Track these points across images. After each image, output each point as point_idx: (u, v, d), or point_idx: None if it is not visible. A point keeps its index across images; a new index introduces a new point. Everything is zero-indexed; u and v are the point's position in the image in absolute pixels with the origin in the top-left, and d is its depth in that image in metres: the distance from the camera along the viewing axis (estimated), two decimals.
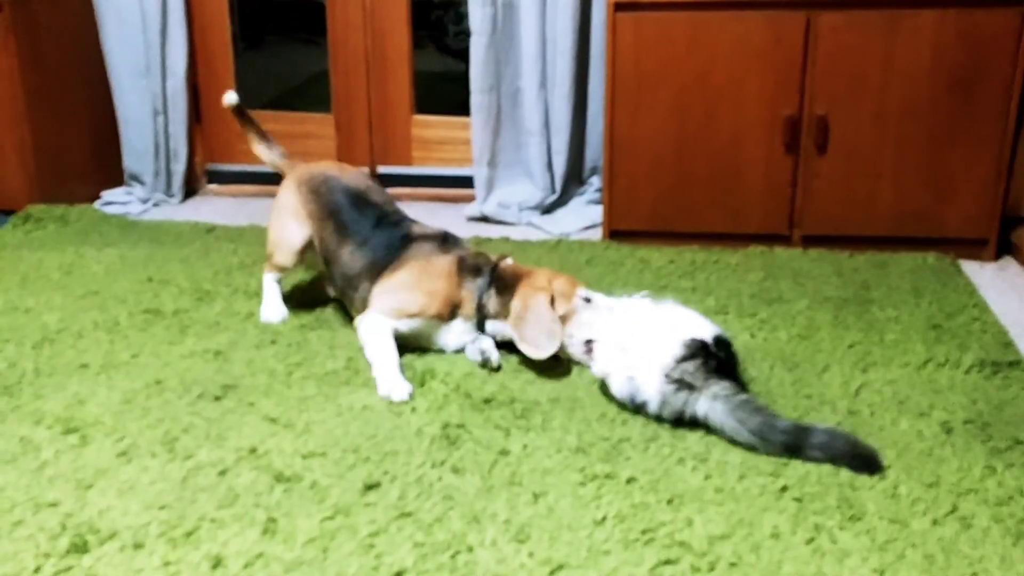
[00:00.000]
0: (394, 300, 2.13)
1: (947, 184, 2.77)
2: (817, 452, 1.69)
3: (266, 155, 2.56)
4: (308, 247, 2.38)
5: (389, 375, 2.00)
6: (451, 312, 2.15)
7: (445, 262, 2.17)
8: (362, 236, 2.25)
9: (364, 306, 2.20)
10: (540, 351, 2.05)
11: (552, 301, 2.08)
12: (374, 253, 2.22)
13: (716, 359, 1.82)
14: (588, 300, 2.11)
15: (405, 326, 2.13)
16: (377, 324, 2.11)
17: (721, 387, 1.78)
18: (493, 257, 2.21)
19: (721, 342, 1.88)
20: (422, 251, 2.19)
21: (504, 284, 2.13)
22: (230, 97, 2.51)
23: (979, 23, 2.63)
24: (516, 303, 2.09)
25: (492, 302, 2.13)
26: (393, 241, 2.22)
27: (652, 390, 1.82)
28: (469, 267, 2.16)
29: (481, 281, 2.14)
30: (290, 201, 2.39)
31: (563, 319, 2.08)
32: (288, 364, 2.13)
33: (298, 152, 3.47)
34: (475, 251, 2.24)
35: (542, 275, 2.13)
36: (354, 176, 2.41)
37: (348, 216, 2.29)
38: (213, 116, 3.59)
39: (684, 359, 1.80)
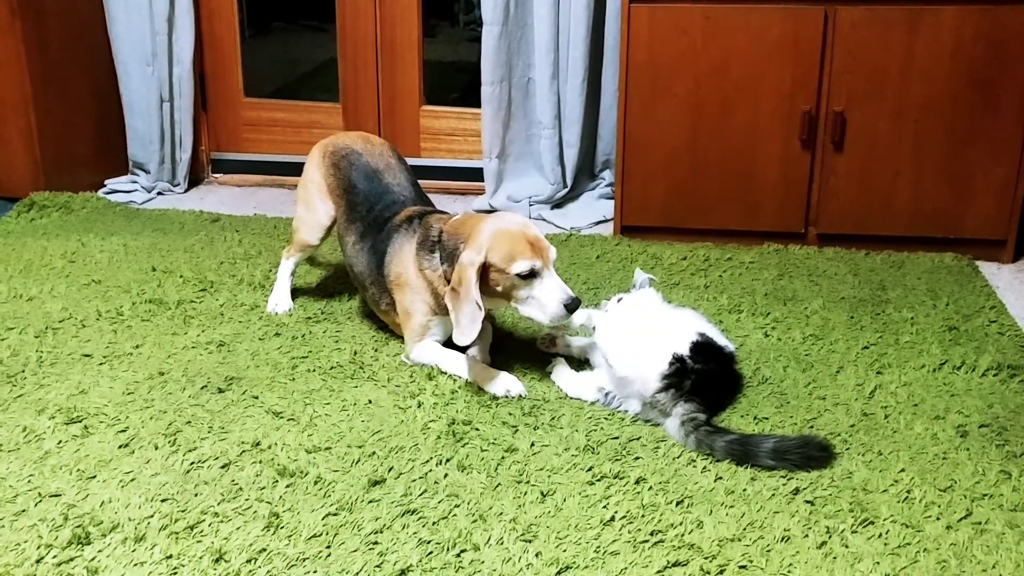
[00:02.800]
0: (410, 328, 2.07)
1: (966, 183, 2.73)
2: (769, 459, 1.67)
3: None
4: (334, 223, 2.32)
5: (490, 375, 1.95)
6: (440, 303, 2.00)
7: (408, 252, 2.03)
8: (363, 226, 2.20)
9: (375, 302, 2.19)
10: (464, 339, 1.88)
11: (485, 271, 1.86)
12: (369, 255, 2.15)
13: (694, 374, 1.80)
14: (532, 274, 1.87)
15: (434, 336, 2.07)
16: (422, 352, 2.06)
17: (684, 410, 1.77)
18: (438, 223, 2.01)
19: (700, 347, 1.84)
20: (392, 251, 2.07)
21: (451, 253, 1.93)
22: None
23: (1001, 20, 2.59)
24: (454, 275, 1.88)
25: (448, 292, 1.91)
26: (380, 243, 2.12)
27: (632, 408, 1.87)
28: (426, 247, 2.00)
29: (436, 258, 1.98)
30: (314, 173, 2.35)
31: (504, 293, 1.89)
32: (293, 357, 2.11)
33: (305, 141, 3.46)
34: (430, 220, 2.04)
35: (481, 238, 1.86)
36: (378, 152, 2.30)
37: (358, 198, 2.23)
38: (219, 104, 3.57)
39: (661, 390, 1.79)
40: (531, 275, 1.87)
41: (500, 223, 1.92)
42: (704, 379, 1.80)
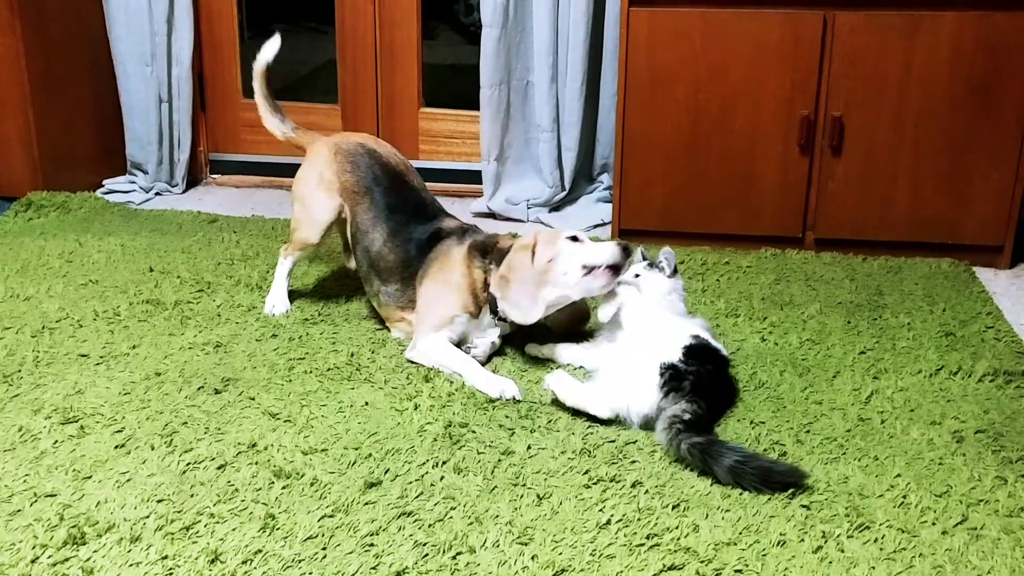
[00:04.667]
0: (431, 316, 2.08)
1: (963, 189, 2.73)
2: (728, 476, 1.63)
3: (279, 128, 2.44)
4: (336, 222, 2.31)
5: (487, 377, 1.96)
6: (478, 303, 2.10)
7: (459, 252, 2.12)
8: (397, 224, 2.20)
9: (390, 301, 2.18)
10: (523, 316, 2.00)
11: (534, 252, 2.01)
12: (407, 250, 2.17)
13: (691, 375, 1.80)
14: (575, 239, 2.03)
15: (452, 333, 2.08)
16: (430, 346, 2.06)
17: (673, 411, 1.75)
18: (501, 239, 2.16)
19: (692, 350, 1.85)
20: (441, 249, 2.15)
21: (502, 255, 2.07)
22: (270, 49, 2.37)
23: (999, 26, 2.60)
24: (504, 264, 2.03)
25: (495, 279, 2.06)
26: (424, 238, 2.17)
27: (634, 419, 1.84)
28: (480, 249, 2.11)
29: (487, 260, 2.09)
30: (322, 170, 2.30)
31: (549, 265, 2.00)
32: (290, 358, 2.11)
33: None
34: (489, 235, 2.18)
35: (531, 234, 2.07)
36: (392, 152, 2.34)
37: (387, 197, 2.23)
38: (218, 105, 3.57)
39: (663, 398, 1.79)
40: (574, 239, 2.03)
41: (550, 231, 2.10)
42: (702, 379, 1.80)
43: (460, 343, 2.10)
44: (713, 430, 1.79)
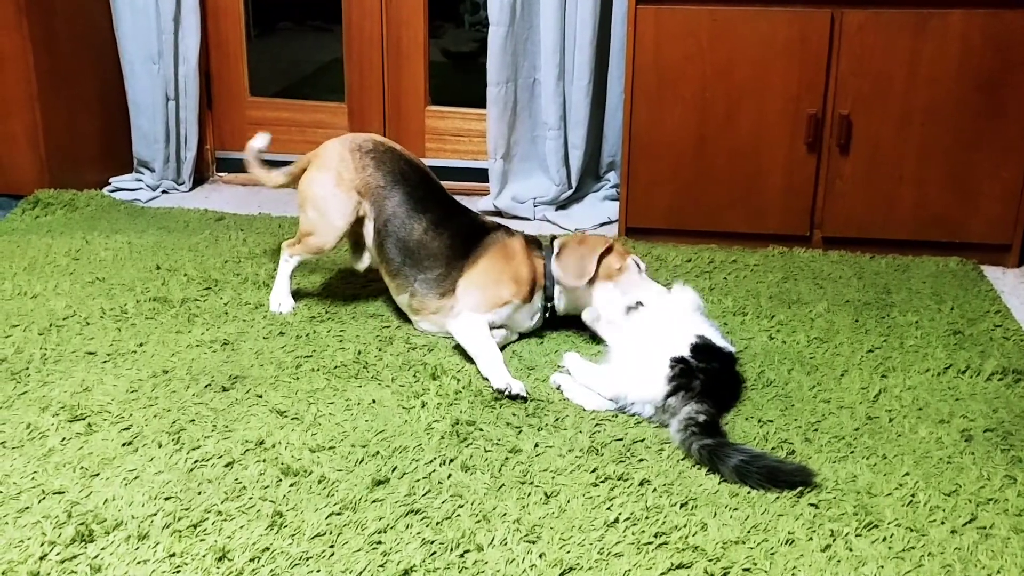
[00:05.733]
0: (485, 294, 2.11)
1: (971, 187, 2.73)
2: (733, 475, 1.64)
3: (274, 179, 2.44)
4: (354, 222, 2.26)
5: (500, 369, 1.97)
6: (532, 290, 2.18)
7: (517, 243, 2.20)
8: (436, 215, 2.21)
9: (429, 289, 2.17)
10: (569, 279, 2.14)
11: (608, 251, 2.15)
12: (452, 236, 2.19)
13: (702, 374, 1.80)
14: (639, 267, 2.18)
15: (498, 316, 2.12)
16: (473, 321, 2.08)
17: (691, 410, 1.76)
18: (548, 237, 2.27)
19: (700, 349, 1.85)
20: (497, 238, 2.20)
21: (559, 252, 2.20)
22: (261, 141, 2.46)
23: (1007, 24, 2.59)
24: (574, 241, 2.19)
25: (555, 268, 2.18)
26: (469, 229, 2.21)
27: (645, 412, 1.87)
28: (535, 242, 2.23)
29: (547, 252, 2.20)
30: (340, 170, 2.24)
31: (614, 273, 2.15)
32: (297, 356, 2.11)
33: (309, 141, 3.45)
34: (533, 235, 2.28)
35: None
36: (411, 154, 2.36)
37: (420, 190, 2.24)
38: (224, 103, 3.58)
39: (670, 394, 1.80)
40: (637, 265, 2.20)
41: None
42: (712, 379, 1.80)
43: (510, 324, 2.18)
44: (722, 430, 1.79)
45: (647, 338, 1.93)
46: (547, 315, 2.22)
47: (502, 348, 2.12)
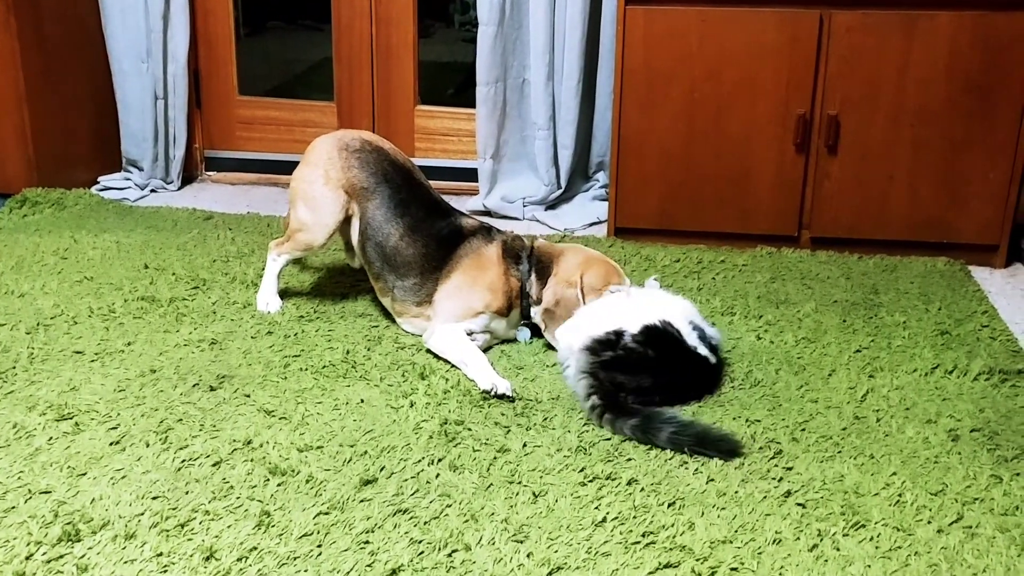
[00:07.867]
0: (459, 304, 2.11)
1: (959, 188, 2.74)
2: (667, 445, 1.74)
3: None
4: (343, 220, 2.26)
5: (486, 370, 1.97)
6: (509, 303, 2.16)
7: (493, 252, 2.17)
8: (414, 219, 2.20)
9: (406, 296, 2.18)
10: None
11: (582, 291, 2.10)
12: (426, 244, 2.18)
13: (622, 351, 1.87)
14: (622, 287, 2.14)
15: (475, 325, 2.11)
16: (449, 331, 2.08)
17: (585, 387, 1.85)
18: (527, 240, 2.21)
19: (653, 332, 1.90)
20: (472, 247, 2.17)
21: (541, 268, 2.16)
22: None
23: (996, 26, 2.60)
24: (548, 294, 2.11)
25: (534, 288, 2.16)
26: (444, 234, 2.19)
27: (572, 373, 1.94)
28: (512, 254, 2.18)
29: (524, 267, 2.16)
30: (328, 168, 2.24)
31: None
32: (285, 355, 2.10)
33: (298, 140, 3.45)
34: (512, 235, 2.22)
35: (573, 261, 2.14)
36: (399, 151, 2.35)
37: (401, 193, 2.22)
38: (213, 102, 3.57)
39: (587, 348, 1.89)
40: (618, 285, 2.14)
41: (589, 253, 2.19)
42: (635, 362, 1.86)
43: (490, 334, 2.18)
44: (618, 400, 1.83)
45: (620, 306, 1.99)
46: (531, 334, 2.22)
47: (486, 350, 2.13)
